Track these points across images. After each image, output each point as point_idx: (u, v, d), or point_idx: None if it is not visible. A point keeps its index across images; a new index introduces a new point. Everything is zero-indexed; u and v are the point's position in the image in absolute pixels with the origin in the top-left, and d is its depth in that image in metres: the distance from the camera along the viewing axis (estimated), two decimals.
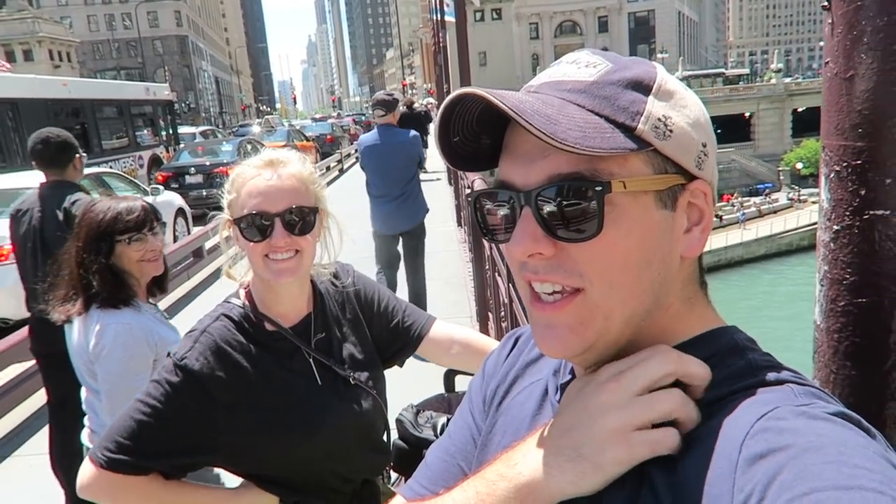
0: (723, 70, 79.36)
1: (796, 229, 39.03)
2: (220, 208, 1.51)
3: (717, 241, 37.67)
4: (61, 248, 2.27)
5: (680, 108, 0.66)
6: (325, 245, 1.57)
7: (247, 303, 1.51)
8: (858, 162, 0.74)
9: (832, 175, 0.77)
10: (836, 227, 0.78)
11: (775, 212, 44.24)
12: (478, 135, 0.69)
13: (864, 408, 0.78)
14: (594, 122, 0.62)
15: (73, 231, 2.23)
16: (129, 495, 1.38)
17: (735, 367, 0.63)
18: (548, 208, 0.63)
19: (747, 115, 55.96)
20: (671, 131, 0.64)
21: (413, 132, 5.86)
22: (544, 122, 0.59)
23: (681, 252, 0.67)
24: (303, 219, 1.42)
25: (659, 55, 70.98)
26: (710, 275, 0.74)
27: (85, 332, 2.13)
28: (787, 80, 60.15)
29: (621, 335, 0.66)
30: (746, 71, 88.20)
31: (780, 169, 51.07)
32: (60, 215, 3.32)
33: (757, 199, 46.74)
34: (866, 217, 0.74)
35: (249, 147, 14.14)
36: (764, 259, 38.09)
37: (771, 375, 0.61)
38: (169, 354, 1.43)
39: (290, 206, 1.41)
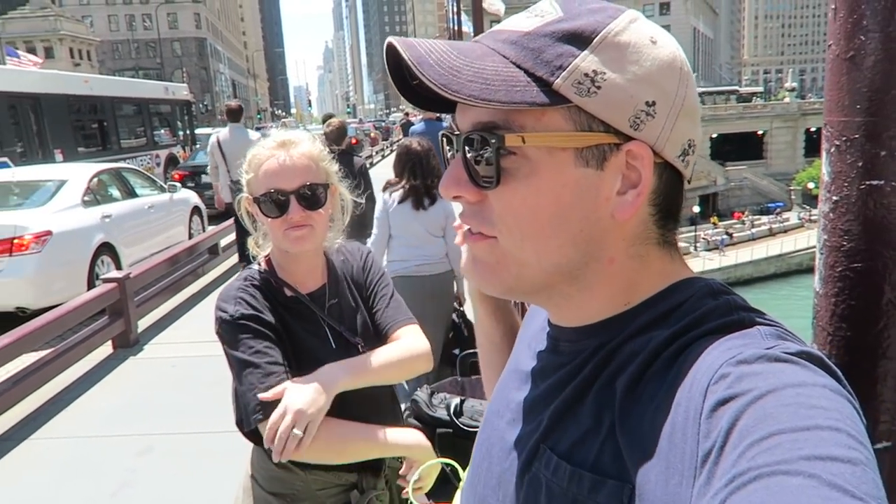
0: (736, 87, 79.24)
1: (807, 249, 38.83)
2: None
3: (727, 258, 37.57)
4: None
5: (627, 62, 0.62)
6: (337, 218, 1.67)
7: (266, 269, 1.62)
8: (857, 136, 0.80)
9: (832, 149, 0.84)
10: (834, 198, 0.84)
11: (786, 231, 44.07)
12: None
13: (858, 366, 0.84)
14: (508, 74, 0.61)
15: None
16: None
17: (709, 306, 0.63)
18: (469, 154, 0.64)
19: (760, 132, 55.83)
20: (598, 88, 0.61)
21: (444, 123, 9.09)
22: (442, 74, 0.60)
23: (612, 213, 0.64)
24: (315, 194, 1.53)
25: None
26: None
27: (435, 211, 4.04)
28: (800, 100, 59.96)
29: (548, 281, 0.66)
30: (760, 89, 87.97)
31: (791, 188, 50.89)
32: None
33: (768, 218, 46.57)
34: (862, 187, 0.80)
35: None
36: (773, 278, 37.91)
37: (740, 316, 0.61)
38: (220, 326, 1.53)
39: (304, 183, 1.52)
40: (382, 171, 7.35)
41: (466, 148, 0.64)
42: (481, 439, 0.80)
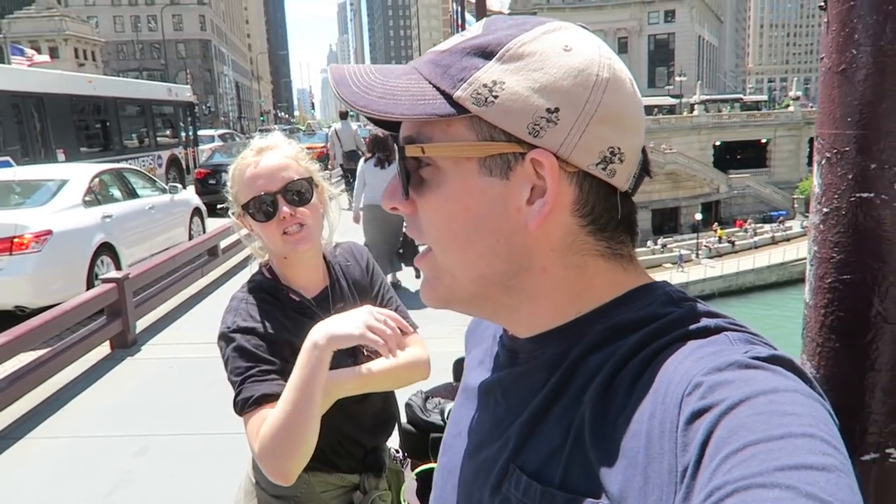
0: (741, 95, 79.30)
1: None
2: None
3: (729, 266, 37.54)
4: None
5: (529, 71, 0.61)
6: (328, 220, 1.67)
7: (269, 277, 1.62)
8: (847, 149, 0.80)
9: (823, 161, 0.84)
10: (825, 210, 0.84)
11: (788, 239, 44.02)
12: None
13: (846, 377, 0.84)
14: (418, 89, 0.64)
15: None
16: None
17: (673, 315, 0.62)
18: (398, 167, 0.68)
19: (764, 141, 55.83)
20: (496, 97, 0.61)
21: None
22: (354, 92, 0.65)
23: (525, 223, 0.63)
24: (301, 190, 1.55)
25: (677, 78, 71.01)
26: (722, 300, 0.70)
27: None
28: (804, 109, 59.87)
29: (479, 291, 0.67)
30: (764, 97, 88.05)
31: (794, 197, 50.84)
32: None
33: (770, 226, 46.55)
34: (852, 199, 0.80)
35: None
36: (776, 287, 37.86)
37: (707, 322, 0.60)
38: (220, 336, 1.53)
39: (288, 181, 1.54)
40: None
41: (399, 161, 0.67)
42: (442, 464, 0.78)
